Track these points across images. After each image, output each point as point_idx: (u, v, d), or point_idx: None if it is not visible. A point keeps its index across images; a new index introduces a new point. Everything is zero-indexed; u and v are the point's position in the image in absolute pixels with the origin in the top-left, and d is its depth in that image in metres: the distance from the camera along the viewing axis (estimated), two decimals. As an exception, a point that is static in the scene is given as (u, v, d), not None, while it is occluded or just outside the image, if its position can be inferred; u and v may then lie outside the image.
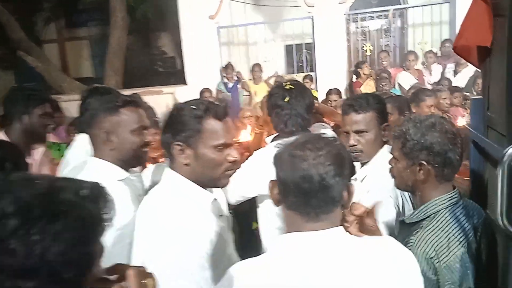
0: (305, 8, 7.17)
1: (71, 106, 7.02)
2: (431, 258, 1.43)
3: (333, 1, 7.05)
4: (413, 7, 7.67)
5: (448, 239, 1.46)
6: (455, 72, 6.09)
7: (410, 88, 5.07)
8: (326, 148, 1.09)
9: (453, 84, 5.59)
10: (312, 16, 7.16)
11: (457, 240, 1.46)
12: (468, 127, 1.78)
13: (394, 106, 2.78)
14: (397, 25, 7.94)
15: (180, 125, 1.38)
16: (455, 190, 1.55)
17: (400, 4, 8.60)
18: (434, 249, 1.44)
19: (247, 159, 2.14)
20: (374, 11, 7.61)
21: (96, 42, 14.73)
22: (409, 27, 7.69)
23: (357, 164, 1.99)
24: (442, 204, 1.51)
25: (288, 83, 2.09)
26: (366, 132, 1.86)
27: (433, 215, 1.51)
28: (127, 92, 7.04)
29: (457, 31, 6.12)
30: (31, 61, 8.55)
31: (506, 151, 1.24)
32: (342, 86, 7.21)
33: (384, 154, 1.84)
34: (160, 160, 2.90)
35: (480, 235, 1.54)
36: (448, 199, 1.52)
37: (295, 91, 2.03)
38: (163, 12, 11.35)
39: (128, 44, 13.10)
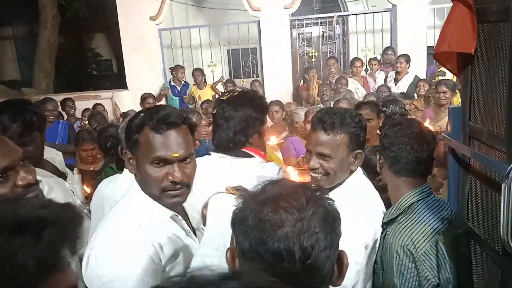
0: (251, 12, 7.05)
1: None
2: (407, 245, 1.48)
3: (279, 5, 7.00)
4: (355, 14, 7.84)
5: (423, 228, 1.52)
6: (396, 80, 6.27)
7: (367, 95, 5.14)
8: (311, 206, 0.78)
9: (392, 91, 5.75)
10: (259, 20, 7.07)
11: (432, 228, 1.52)
12: (447, 136, 1.71)
13: (372, 111, 2.82)
14: (339, 32, 8.08)
15: (126, 133, 1.32)
16: (425, 184, 1.64)
17: (341, 11, 8.79)
18: (410, 238, 1.50)
19: None
20: (317, 18, 7.68)
21: (22, 42, 13.68)
22: (351, 34, 7.84)
23: None
24: (414, 197, 1.60)
25: (226, 93, 1.88)
26: (330, 158, 1.55)
27: (407, 208, 1.59)
28: (60, 97, 6.58)
29: (398, 38, 6.33)
30: None
31: (511, 168, 1.15)
32: (289, 90, 7.20)
33: (354, 183, 1.64)
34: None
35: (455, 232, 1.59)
36: (419, 192, 1.60)
37: (226, 103, 1.78)
38: (98, 12, 10.77)
39: (59, 45, 12.30)
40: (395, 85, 6.26)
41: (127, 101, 6.78)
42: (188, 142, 1.30)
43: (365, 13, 7.46)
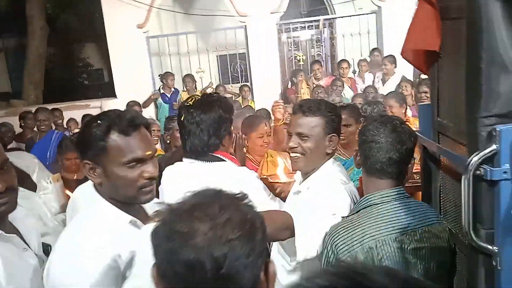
0: (237, 17, 7.09)
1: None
2: (336, 245, 1.43)
3: (265, 10, 7.05)
4: (342, 17, 7.89)
5: (364, 232, 1.43)
6: (383, 81, 6.31)
7: (354, 96, 5.15)
8: (225, 212, 0.75)
9: (380, 92, 5.78)
10: (245, 25, 7.10)
11: (371, 236, 1.42)
12: (418, 133, 1.72)
13: (351, 116, 2.73)
14: (327, 35, 8.12)
15: (87, 142, 1.29)
16: (395, 188, 1.51)
17: (328, 15, 8.84)
18: (343, 239, 1.43)
19: None
20: (305, 21, 7.73)
21: (12, 54, 13.67)
22: (339, 37, 7.88)
23: (297, 175, 1.88)
24: (373, 200, 1.51)
25: (190, 99, 1.87)
26: (307, 137, 1.70)
27: (363, 210, 1.51)
28: (49, 106, 6.56)
29: (384, 40, 6.38)
30: None
31: (470, 160, 1.17)
32: (277, 93, 7.22)
33: (329, 168, 1.73)
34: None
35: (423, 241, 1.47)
36: (381, 195, 1.50)
37: (194, 108, 1.78)
38: (88, 22, 10.78)
39: (49, 56, 12.28)
40: (383, 85, 6.31)
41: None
42: (152, 140, 1.41)
43: (351, 16, 7.52)
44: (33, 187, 2.13)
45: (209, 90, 7.34)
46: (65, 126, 6.08)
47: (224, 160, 1.81)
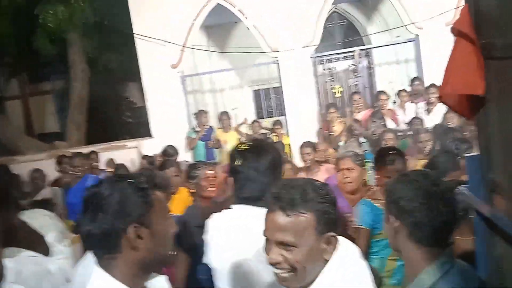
0: (270, 53, 7.03)
1: (28, 166, 6.54)
2: None
3: (298, 44, 6.94)
4: (378, 47, 7.65)
5: None
6: (428, 111, 5.95)
7: (384, 132, 4.82)
8: None
9: (426, 123, 5.43)
10: (278, 60, 7.01)
11: None
12: (466, 191, 1.45)
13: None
14: (364, 65, 7.89)
15: (128, 205, 1.15)
16: (445, 253, 1.35)
17: (364, 45, 8.63)
18: None
19: None
20: (339, 53, 7.55)
21: (60, 95, 14.34)
22: (376, 66, 7.63)
23: None
24: (435, 274, 1.31)
25: (243, 144, 1.82)
26: (294, 246, 1.20)
27: None
28: (88, 149, 6.68)
29: (423, 68, 6.04)
30: (-19, 121, 8.04)
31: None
32: (314, 128, 7.00)
33: (333, 278, 1.23)
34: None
35: None
36: (440, 266, 1.32)
37: (249, 152, 1.73)
38: (128, 62, 11.13)
39: (93, 96, 12.77)
40: (428, 115, 5.95)
41: (152, 149, 6.78)
42: None
43: (386, 45, 7.26)
44: (45, 251, 1.97)
45: (243, 126, 7.26)
46: (102, 167, 6.15)
47: None
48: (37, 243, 1.95)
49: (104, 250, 1.16)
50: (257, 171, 1.70)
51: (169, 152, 5.52)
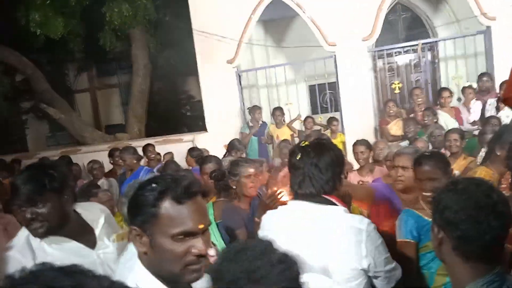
0: (326, 47, 6.84)
1: (92, 156, 6.91)
2: None
3: (356, 38, 6.69)
4: (444, 40, 7.18)
5: None
6: (497, 109, 5.49)
7: (448, 131, 4.49)
8: None
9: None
10: (335, 55, 6.81)
11: None
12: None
13: (436, 167, 2.22)
14: (427, 59, 7.45)
15: (136, 207, 1.18)
16: (495, 271, 1.21)
17: (429, 38, 8.15)
18: None
19: None
20: (402, 46, 7.19)
21: (125, 89, 15.04)
22: (441, 61, 7.19)
23: None
24: None
25: (305, 141, 1.86)
26: None
27: None
28: (146, 141, 6.91)
29: (494, 63, 5.53)
30: (53, 112, 8.60)
31: None
32: (371, 126, 6.74)
33: None
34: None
35: None
36: (485, 285, 1.19)
37: (311, 149, 1.77)
38: (187, 57, 11.40)
39: (156, 89, 13.23)
40: (497, 113, 5.49)
41: (207, 142, 6.89)
42: (206, 211, 1.25)
43: (454, 38, 6.79)
44: (93, 244, 2.02)
45: (297, 122, 7.15)
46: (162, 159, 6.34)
47: (336, 204, 1.74)
48: (86, 236, 2.00)
49: None
50: (317, 168, 1.71)
51: (236, 146, 5.13)
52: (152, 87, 10.24)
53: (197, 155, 5.14)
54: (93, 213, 2.13)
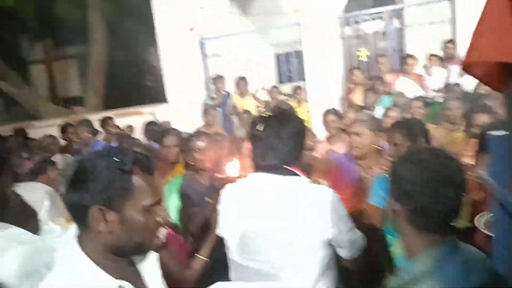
0: (292, 14, 6.59)
1: (47, 131, 6.52)
2: None
3: (323, 5, 6.46)
4: (410, 6, 7.08)
5: None
6: (462, 75, 5.47)
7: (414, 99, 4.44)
8: None
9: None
10: (300, 22, 6.58)
11: None
12: (486, 177, 1.20)
13: (404, 134, 2.22)
14: (394, 27, 7.33)
15: (101, 183, 1.10)
16: (447, 240, 1.22)
17: (395, 4, 8.03)
18: None
19: None
20: (370, 13, 7.03)
21: (83, 60, 14.32)
22: (407, 28, 7.08)
23: None
24: (430, 263, 1.19)
25: (266, 111, 1.83)
26: None
27: (421, 277, 1.19)
28: (104, 114, 6.57)
29: (459, 31, 5.47)
30: (4, 86, 8.04)
31: None
32: (337, 95, 6.63)
33: None
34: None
35: None
36: (438, 254, 1.20)
37: (273, 119, 1.71)
38: (148, 26, 10.87)
39: (116, 60, 12.63)
40: (461, 79, 5.48)
41: (169, 114, 6.61)
42: None
43: (419, 5, 6.67)
44: (36, 229, 1.81)
45: (262, 92, 6.97)
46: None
47: (299, 175, 1.68)
48: (28, 220, 1.79)
49: (76, 222, 1.15)
50: (281, 139, 1.66)
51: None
52: (111, 57, 9.72)
53: (153, 130, 4.88)
54: (36, 194, 1.91)
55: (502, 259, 1.26)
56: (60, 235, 1.89)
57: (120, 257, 1.18)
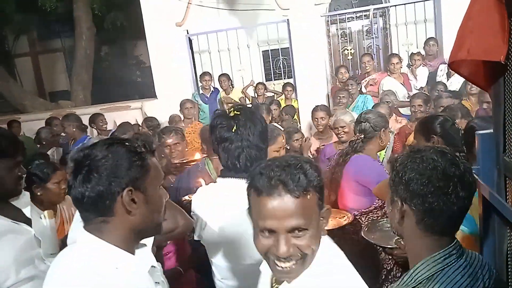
0: (280, 11, 6.66)
1: (33, 125, 6.47)
2: None
3: (309, 2, 6.54)
4: (395, 5, 7.20)
5: None
6: (448, 75, 5.61)
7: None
8: None
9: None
10: (288, 19, 6.65)
11: None
12: (476, 175, 1.24)
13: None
14: (379, 26, 7.46)
15: (123, 167, 1.13)
16: (453, 243, 1.19)
17: (382, 3, 8.15)
18: None
19: None
20: (355, 12, 7.13)
21: (69, 54, 14.12)
22: (392, 27, 7.21)
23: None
24: (435, 266, 1.16)
25: (232, 109, 1.67)
26: (306, 229, 1.08)
27: (425, 281, 1.16)
28: (91, 109, 6.56)
29: (443, 29, 5.59)
30: (-14, 79, 7.95)
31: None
32: (324, 92, 6.73)
33: (327, 255, 1.15)
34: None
35: None
36: (443, 257, 1.17)
37: (242, 118, 1.62)
38: (136, 20, 10.79)
39: (103, 54, 12.50)
40: (447, 80, 5.61)
41: (157, 110, 6.62)
42: None
43: (404, 4, 6.79)
44: (25, 221, 1.85)
45: (250, 89, 7.02)
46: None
47: None
48: (17, 213, 1.84)
49: (97, 213, 1.14)
50: (247, 140, 1.60)
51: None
52: (98, 51, 9.65)
53: (153, 126, 4.91)
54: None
55: (490, 257, 1.31)
56: (48, 228, 1.96)
57: (136, 240, 1.21)
